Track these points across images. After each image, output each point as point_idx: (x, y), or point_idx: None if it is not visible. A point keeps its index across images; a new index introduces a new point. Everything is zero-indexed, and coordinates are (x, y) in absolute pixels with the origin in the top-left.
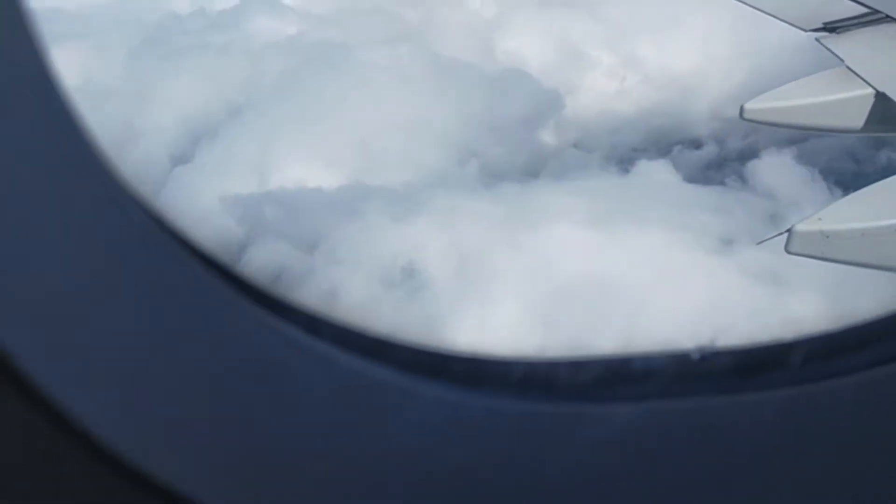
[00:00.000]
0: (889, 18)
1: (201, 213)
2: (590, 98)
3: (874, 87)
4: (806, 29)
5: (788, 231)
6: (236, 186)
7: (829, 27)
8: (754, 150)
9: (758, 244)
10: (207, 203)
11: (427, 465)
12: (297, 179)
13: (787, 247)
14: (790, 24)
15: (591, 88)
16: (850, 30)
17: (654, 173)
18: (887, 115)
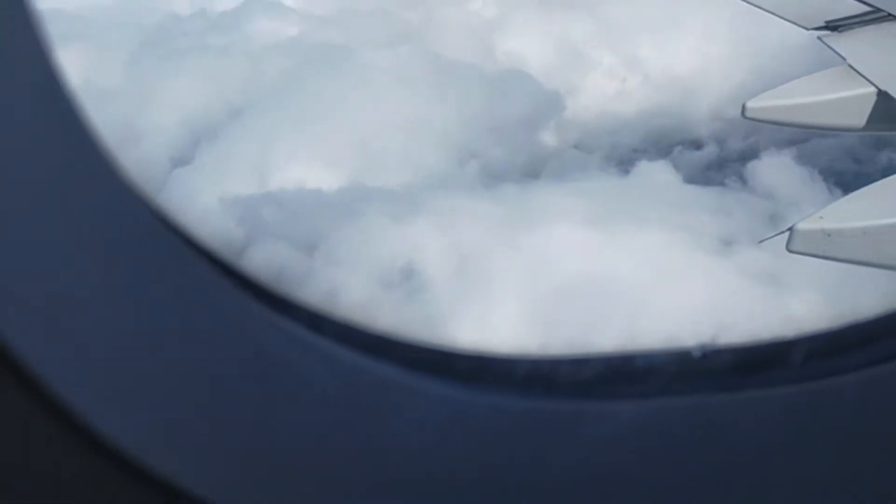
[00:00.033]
0: (891, 17)
1: (201, 214)
2: (590, 99)
3: (876, 86)
4: (808, 27)
5: (790, 230)
6: (236, 187)
7: (831, 25)
8: (755, 150)
9: (759, 243)
10: (207, 204)
11: (430, 462)
12: (297, 180)
13: (788, 245)
14: (792, 23)
15: (592, 89)
16: (852, 28)
17: (654, 174)
18: (889, 114)
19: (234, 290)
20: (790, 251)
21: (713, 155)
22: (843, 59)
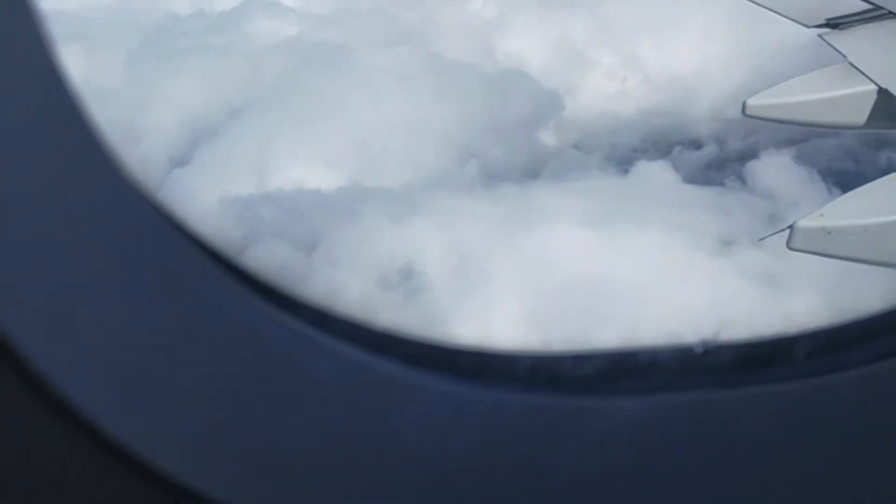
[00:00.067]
0: (891, 14)
1: (200, 214)
2: (590, 99)
3: (876, 84)
4: (808, 25)
5: (790, 227)
6: (235, 188)
7: (832, 23)
8: (754, 150)
9: (759, 241)
10: (206, 204)
11: (434, 458)
12: (296, 180)
13: (789, 243)
14: (792, 21)
15: (591, 89)
16: (853, 26)
17: (653, 174)
18: (890, 112)
19: (238, 288)
20: (791, 249)
21: (713, 155)
22: (844, 56)
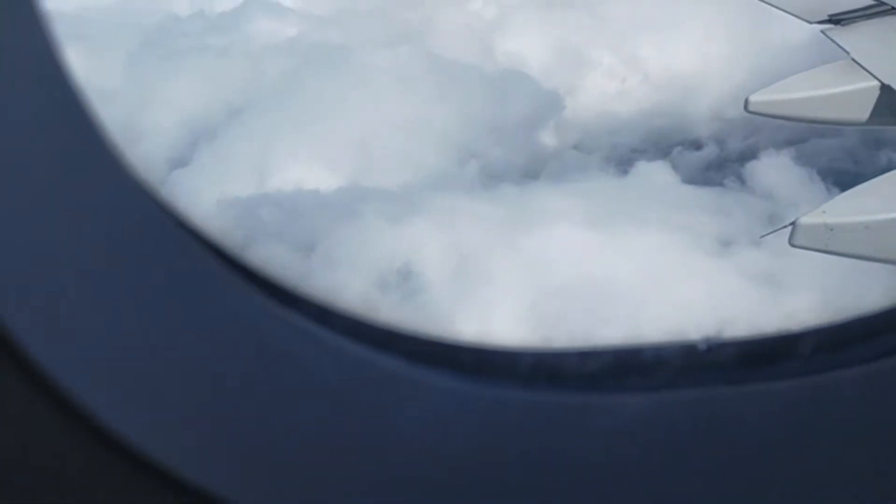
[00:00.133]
0: (894, 10)
1: (199, 215)
2: (590, 99)
3: (879, 80)
4: (811, 21)
5: (792, 224)
6: (234, 188)
7: (834, 19)
8: (754, 150)
9: (761, 237)
10: (205, 205)
11: (436, 455)
12: (296, 181)
13: (791, 240)
14: (795, 16)
15: (591, 89)
16: (855, 22)
17: (652, 174)
18: (892, 108)
19: (241, 284)
20: (793, 246)
21: (713, 155)
22: (846, 52)
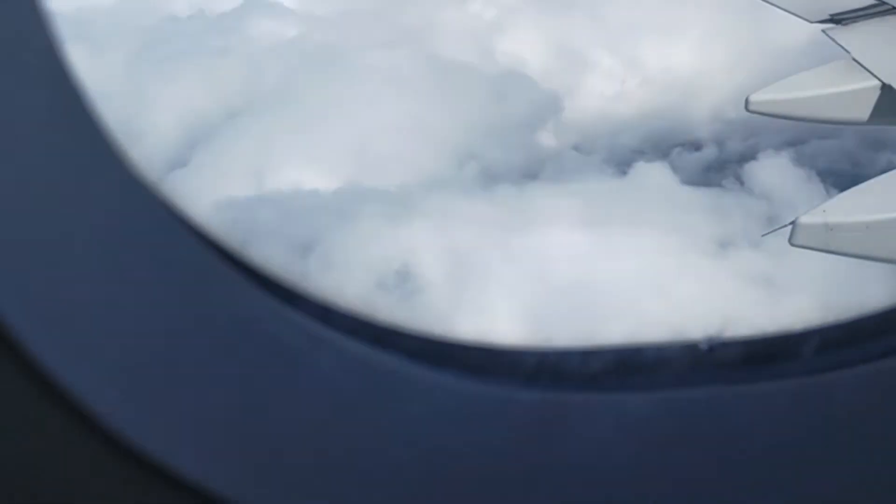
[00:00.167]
0: (895, 10)
1: (197, 216)
2: (589, 100)
3: (880, 79)
4: (812, 20)
5: (792, 224)
6: (233, 189)
7: (835, 19)
8: (754, 152)
9: (762, 236)
10: (203, 207)
11: (438, 453)
12: (294, 182)
13: (791, 239)
14: (796, 16)
15: (591, 90)
16: (856, 21)
17: (651, 175)
18: (893, 107)
19: (243, 282)
20: (793, 245)
21: (712, 156)
22: (847, 52)
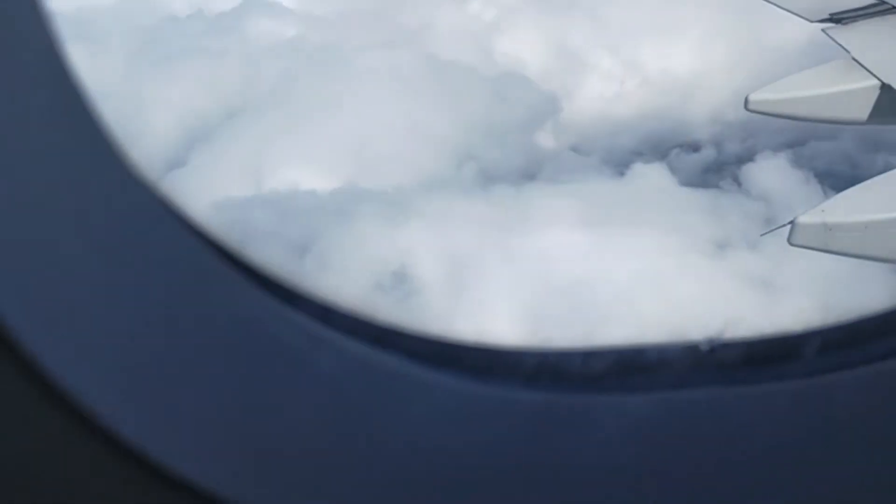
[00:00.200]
0: (895, 9)
1: (196, 216)
2: (588, 101)
3: (879, 79)
4: (812, 20)
5: (791, 224)
6: (230, 189)
7: (835, 18)
8: (752, 153)
9: (761, 235)
10: (201, 207)
11: (439, 454)
12: (292, 182)
13: (789, 239)
14: (796, 15)
15: (590, 91)
16: (856, 21)
17: (649, 176)
18: (892, 107)
19: (243, 282)
20: (791, 244)
21: (710, 158)
22: (847, 51)
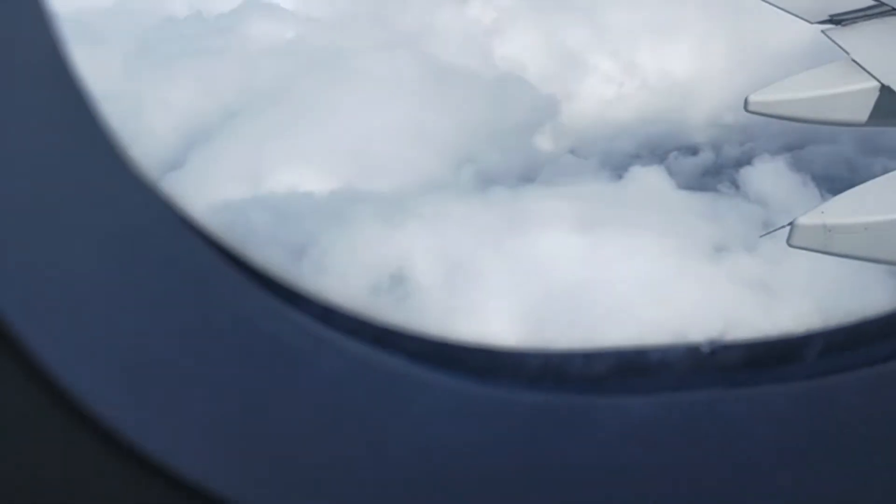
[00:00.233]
0: (895, 11)
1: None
2: (587, 104)
3: (879, 80)
4: (812, 21)
5: (790, 225)
6: (228, 191)
7: (835, 19)
8: (750, 157)
9: (760, 237)
10: (198, 208)
11: (440, 455)
12: (290, 184)
13: (789, 240)
14: (796, 16)
15: (589, 94)
16: (856, 22)
17: (647, 179)
18: (891, 108)
19: (245, 282)
20: (791, 246)
21: (708, 161)
22: (847, 53)
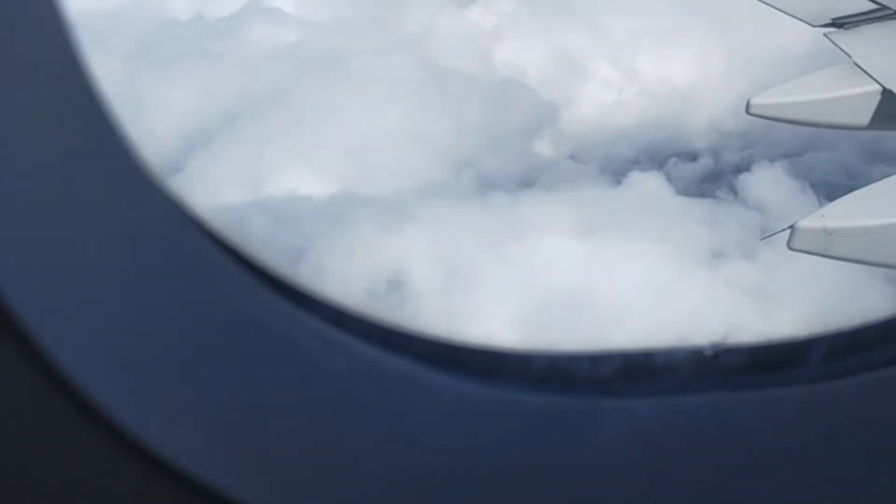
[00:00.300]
0: None
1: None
2: (587, 109)
3: (881, 84)
4: (814, 24)
5: (791, 228)
6: (227, 195)
7: (838, 23)
8: (749, 163)
9: (761, 240)
10: (197, 212)
11: (446, 456)
12: (289, 188)
13: (789, 243)
14: (798, 20)
15: (589, 100)
16: (859, 26)
17: (646, 185)
18: (894, 112)
19: (254, 283)
20: (791, 249)
21: (708, 167)
22: (849, 56)
